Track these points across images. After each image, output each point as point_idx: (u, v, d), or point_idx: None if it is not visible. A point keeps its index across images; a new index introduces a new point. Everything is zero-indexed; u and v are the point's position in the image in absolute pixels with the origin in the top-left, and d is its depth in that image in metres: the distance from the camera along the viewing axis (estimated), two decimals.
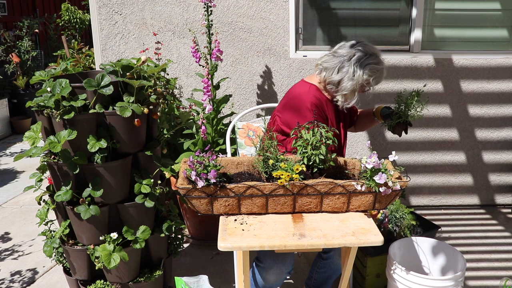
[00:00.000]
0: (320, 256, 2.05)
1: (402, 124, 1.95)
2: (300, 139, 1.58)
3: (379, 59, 1.90)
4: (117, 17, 3.09)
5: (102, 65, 1.89)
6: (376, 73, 1.89)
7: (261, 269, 1.88)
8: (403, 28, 3.22)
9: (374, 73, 1.88)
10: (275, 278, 1.87)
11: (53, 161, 1.81)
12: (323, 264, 2.04)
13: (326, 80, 1.92)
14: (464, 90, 3.24)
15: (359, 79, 1.86)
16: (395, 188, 1.47)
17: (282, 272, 1.86)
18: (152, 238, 1.97)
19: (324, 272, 2.06)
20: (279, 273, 1.85)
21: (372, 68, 1.87)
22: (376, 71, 1.88)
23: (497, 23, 3.26)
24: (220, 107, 2.81)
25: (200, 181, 1.44)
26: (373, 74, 1.88)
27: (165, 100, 1.90)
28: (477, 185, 3.43)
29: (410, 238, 2.22)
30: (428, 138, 3.33)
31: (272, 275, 1.86)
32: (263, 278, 1.88)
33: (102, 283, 1.96)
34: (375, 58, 1.89)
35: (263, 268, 1.86)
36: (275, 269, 1.84)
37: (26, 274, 2.64)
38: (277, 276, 1.87)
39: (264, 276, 1.88)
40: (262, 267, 1.87)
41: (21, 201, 3.72)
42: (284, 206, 1.53)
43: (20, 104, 5.94)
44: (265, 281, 1.89)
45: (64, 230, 1.93)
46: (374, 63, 1.88)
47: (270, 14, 3.08)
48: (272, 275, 1.86)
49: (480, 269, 2.64)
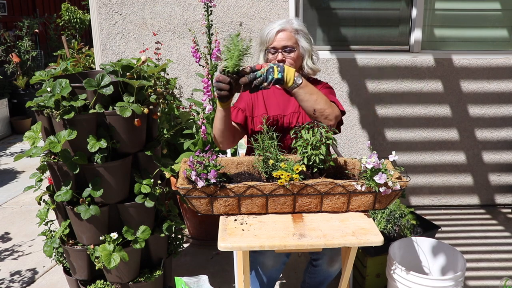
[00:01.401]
0: (311, 263, 2.02)
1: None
2: (300, 139, 1.58)
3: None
4: (117, 17, 3.09)
5: (102, 65, 1.89)
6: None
7: (258, 254, 1.86)
8: (403, 28, 3.22)
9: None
10: (273, 263, 1.86)
11: (53, 161, 1.81)
12: (313, 271, 2.02)
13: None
14: (464, 90, 3.24)
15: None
16: (395, 188, 1.47)
17: (279, 254, 1.84)
18: (152, 238, 1.97)
19: (315, 278, 2.03)
20: (276, 256, 1.84)
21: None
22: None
23: (497, 23, 3.26)
24: None
25: (200, 181, 1.44)
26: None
27: (165, 100, 1.90)
28: (477, 185, 3.43)
29: (410, 238, 2.22)
30: (428, 138, 3.33)
31: (270, 259, 1.85)
32: (261, 262, 1.87)
33: (102, 283, 1.96)
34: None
35: (260, 252, 1.84)
36: (272, 252, 1.82)
37: (26, 274, 2.64)
38: (274, 260, 1.85)
39: (262, 260, 1.86)
40: (259, 251, 1.84)
41: (21, 201, 3.72)
42: (284, 206, 1.53)
43: (20, 104, 5.94)
44: (264, 266, 1.88)
45: (64, 230, 1.93)
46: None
47: (270, 14, 3.08)
48: (269, 258, 1.85)
49: (480, 269, 2.64)
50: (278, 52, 1.89)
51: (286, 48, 1.89)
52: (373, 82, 3.21)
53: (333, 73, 3.17)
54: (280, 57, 1.89)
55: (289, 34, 1.90)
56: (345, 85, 3.20)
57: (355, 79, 3.19)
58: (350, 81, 3.20)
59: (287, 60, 1.89)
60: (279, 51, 1.89)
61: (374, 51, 3.21)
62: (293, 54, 1.90)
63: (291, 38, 1.90)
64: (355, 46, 3.23)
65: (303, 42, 1.93)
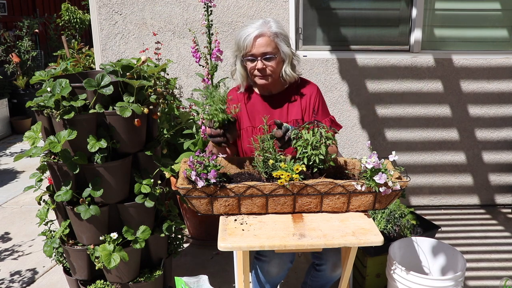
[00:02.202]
0: (314, 267, 1.98)
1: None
2: (300, 139, 1.58)
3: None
4: (117, 17, 3.09)
5: (102, 65, 1.89)
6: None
7: (262, 262, 1.86)
8: (403, 28, 3.22)
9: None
10: (278, 270, 1.85)
11: (53, 161, 1.81)
12: (316, 275, 2.00)
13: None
14: (464, 90, 3.24)
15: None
16: (395, 188, 1.47)
17: (284, 262, 1.83)
18: (152, 238, 1.97)
19: (317, 281, 2.02)
20: (281, 263, 1.84)
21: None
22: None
23: (497, 23, 3.26)
24: None
25: (200, 181, 1.44)
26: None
27: (165, 100, 1.90)
28: (477, 185, 3.43)
29: (410, 238, 2.22)
30: (428, 138, 3.33)
31: (275, 267, 1.84)
32: (266, 271, 1.86)
33: (102, 283, 1.96)
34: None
35: (265, 261, 1.84)
36: (276, 260, 1.82)
37: (26, 274, 2.64)
38: (279, 267, 1.84)
39: (267, 269, 1.86)
40: (263, 260, 1.85)
41: (21, 201, 3.72)
42: (284, 206, 1.53)
43: (20, 104, 5.94)
44: (268, 274, 1.87)
45: (64, 230, 1.93)
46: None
47: (270, 14, 3.08)
48: (274, 266, 1.84)
49: (480, 269, 2.64)
50: (258, 60, 1.79)
51: (265, 55, 1.78)
52: (373, 82, 3.21)
53: (333, 73, 3.17)
54: (260, 66, 1.79)
55: (268, 39, 1.77)
56: (345, 85, 3.20)
57: (355, 79, 3.19)
58: (350, 81, 3.20)
59: (267, 68, 1.80)
60: (259, 58, 1.79)
61: (374, 51, 3.21)
62: (273, 61, 1.80)
63: (270, 44, 1.78)
64: (355, 46, 3.23)
65: (283, 46, 1.81)
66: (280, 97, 1.94)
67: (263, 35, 1.77)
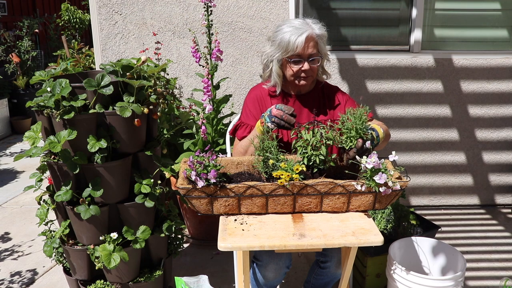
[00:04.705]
0: (318, 265, 2.01)
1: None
2: (300, 140, 1.58)
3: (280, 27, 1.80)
4: (117, 17, 3.09)
5: (102, 65, 1.89)
6: (277, 39, 1.78)
7: (259, 266, 1.87)
8: (403, 28, 3.22)
9: (274, 40, 1.79)
10: (274, 275, 1.86)
11: (53, 161, 1.81)
12: (320, 272, 2.01)
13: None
14: (464, 90, 3.24)
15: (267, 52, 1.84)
16: (395, 188, 1.47)
17: (280, 267, 1.85)
18: (152, 238, 1.97)
19: (321, 279, 2.03)
20: (277, 269, 1.85)
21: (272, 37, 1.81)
22: (277, 37, 1.78)
23: (497, 23, 3.26)
24: (220, 107, 2.81)
25: (200, 181, 1.44)
26: (275, 41, 1.79)
27: (165, 100, 1.90)
28: (477, 185, 3.43)
29: (410, 238, 2.22)
30: (428, 138, 3.33)
31: (271, 272, 1.85)
32: (263, 275, 1.88)
33: (102, 283, 1.96)
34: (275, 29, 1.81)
35: (261, 265, 1.86)
36: (272, 265, 1.83)
37: (26, 275, 2.64)
38: (275, 272, 1.86)
39: (263, 273, 1.87)
40: (260, 264, 1.86)
41: (21, 201, 3.72)
42: (284, 206, 1.53)
43: (20, 104, 5.94)
44: (265, 278, 1.88)
45: (64, 230, 1.93)
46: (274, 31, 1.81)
47: (270, 14, 3.08)
48: (270, 271, 1.85)
49: (480, 269, 2.64)
50: (304, 61, 1.78)
51: (312, 56, 1.78)
52: (373, 82, 3.21)
53: (333, 73, 3.17)
54: (306, 67, 1.78)
55: (314, 41, 1.78)
56: (345, 85, 3.20)
57: (355, 79, 3.19)
58: (350, 81, 3.20)
59: (311, 70, 1.81)
60: (305, 60, 1.78)
61: (374, 51, 3.21)
62: (317, 63, 1.81)
63: (315, 45, 1.78)
64: (355, 46, 3.23)
65: (323, 48, 1.83)
66: (308, 96, 1.96)
67: (311, 37, 1.77)
